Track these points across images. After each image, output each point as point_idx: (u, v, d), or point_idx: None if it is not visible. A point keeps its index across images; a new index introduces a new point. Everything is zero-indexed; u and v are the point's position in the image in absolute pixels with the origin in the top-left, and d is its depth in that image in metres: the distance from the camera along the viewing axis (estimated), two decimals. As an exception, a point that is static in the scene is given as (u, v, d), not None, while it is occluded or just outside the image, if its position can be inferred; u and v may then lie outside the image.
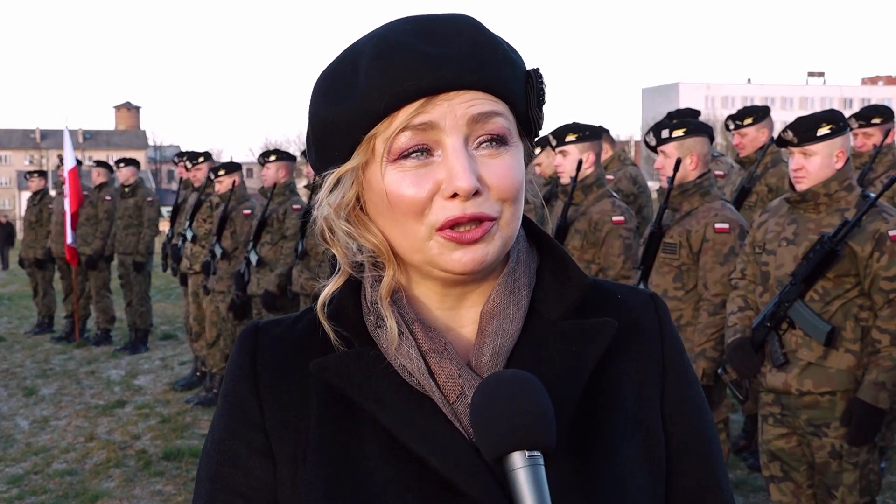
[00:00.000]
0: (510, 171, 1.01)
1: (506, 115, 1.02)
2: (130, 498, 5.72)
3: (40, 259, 11.78)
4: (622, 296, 1.16)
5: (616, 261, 4.86)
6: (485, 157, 1.01)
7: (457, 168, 0.98)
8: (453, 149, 0.99)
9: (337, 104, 1.02)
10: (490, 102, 1.00)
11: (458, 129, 0.99)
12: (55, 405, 8.12)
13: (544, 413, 0.94)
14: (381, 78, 0.99)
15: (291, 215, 7.25)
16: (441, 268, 1.02)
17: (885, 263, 3.53)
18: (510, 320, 1.06)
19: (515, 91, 1.03)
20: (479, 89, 1.00)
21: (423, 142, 1.00)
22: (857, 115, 5.95)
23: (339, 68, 1.04)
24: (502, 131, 1.01)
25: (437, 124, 0.99)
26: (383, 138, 1.00)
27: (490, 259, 1.02)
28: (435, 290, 1.07)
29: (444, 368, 1.03)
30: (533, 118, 1.05)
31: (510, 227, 1.03)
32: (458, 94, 0.99)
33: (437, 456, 1.00)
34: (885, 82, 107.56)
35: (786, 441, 3.81)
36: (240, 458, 1.08)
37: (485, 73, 1.00)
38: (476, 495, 0.98)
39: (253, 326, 1.14)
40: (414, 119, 0.99)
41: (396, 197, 1.00)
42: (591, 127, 5.20)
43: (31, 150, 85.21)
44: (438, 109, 0.99)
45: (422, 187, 1.00)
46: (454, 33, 1.00)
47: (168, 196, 49.39)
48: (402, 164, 1.00)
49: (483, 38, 1.02)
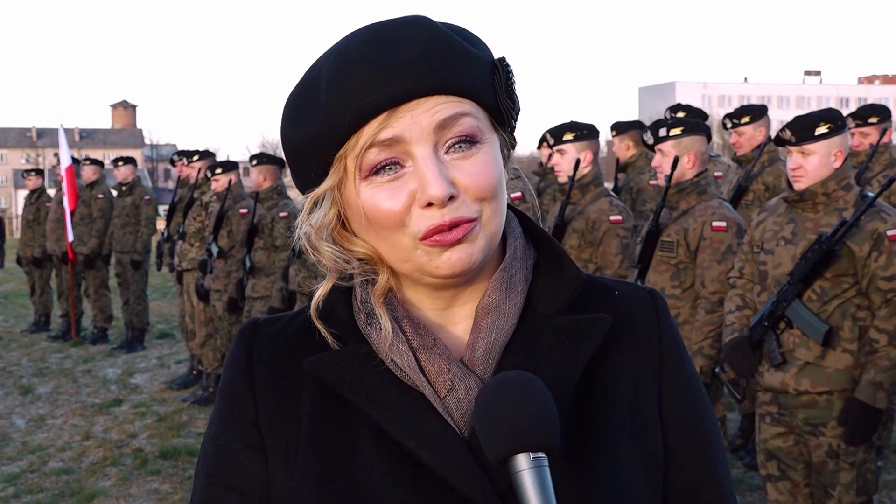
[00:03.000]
0: (484, 169, 1.01)
1: (473, 112, 1.01)
2: (127, 496, 5.72)
3: (38, 258, 11.78)
4: (620, 292, 1.16)
5: (613, 260, 4.86)
6: (457, 160, 1.00)
7: (428, 177, 0.98)
8: (423, 158, 0.99)
9: (304, 127, 1.02)
10: (454, 104, 0.99)
11: (424, 138, 0.99)
12: (51, 404, 8.11)
13: (548, 414, 0.94)
14: (340, 96, 0.98)
15: (279, 223, 7.21)
16: (431, 274, 1.02)
17: (882, 263, 3.53)
18: (505, 316, 1.07)
19: (479, 86, 1.01)
20: (439, 93, 0.99)
21: (391, 156, 0.99)
22: (854, 114, 5.95)
23: (301, 91, 1.04)
24: (471, 131, 1.00)
25: (403, 137, 0.98)
26: (352, 156, 1.00)
27: (476, 259, 1.02)
28: (426, 293, 1.08)
29: (434, 363, 1.04)
30: (504, 108, 1.04)
31: (492, 224, 1.03)
32: (420, 103, 0.98)
33: (428, 450, 1.00)
34: (882, 81, 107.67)
35: (783, 440, 3.81)
36: (234, 453, 1.08)
37: (444, 76, 0.99)
38: (466, 489, 0.98)
39: (252, 322, 1.15)
40: (379, 135, 0.98)
41: (373, 212, 1.00)
42: (589, 126, 5.19)
43: (28, 149, 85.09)
44: (402, 122, 0.98)
45: (397, 200, 0.99)
46: (408, 40, 0.99)
47: (164, 195, 49.37)
48: (374, 179, 1.00)
49: (438, 39, 1.00)
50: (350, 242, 1.06)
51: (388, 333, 1.04)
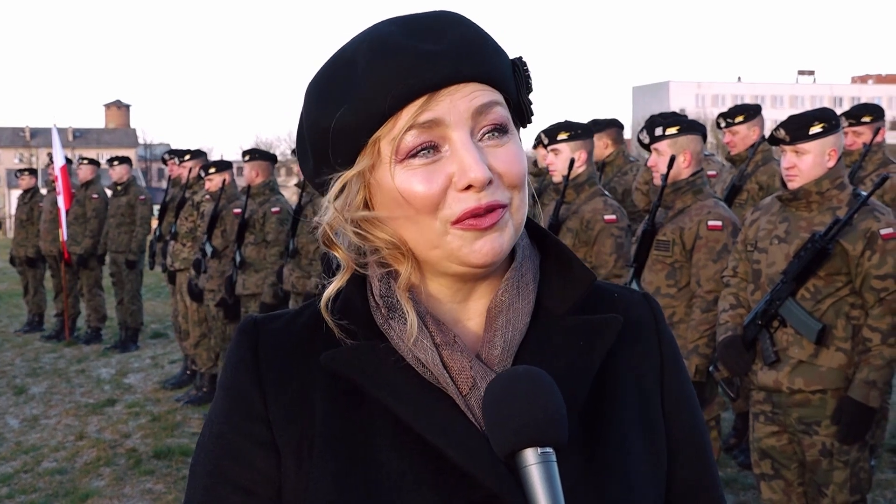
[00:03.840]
0: (516, 158, 1.03)
1: (503, 104, 1.04)
2: (120, 497, 5.71)
3: (31, 257, 11.76)
4: (618, 294, 1.17)
5: (608, 259, 4.87)
6: (491, 147, 1.02)
7: (468, 160, 0.99)
8: (462, 142, 1.00)
9: (336, 111, 1.01)
10: (489, 93, 1.02)
11: (463, 122, 1.00)
12: (45, 404, 8.10)
13: (557, 410, 0.94)
14: (380, 79, 0.99)
15: (271, 219, 7.20)
16: (461, 261, 1.02)
17: (876, 262, 3.53)
18: (519, 314, 1.07)
19: (507, 80, 1.04)
20: (477, 81, 1.01)
21: (429, 139, 1.00)
22: (848, 113, 5.97)
23: (332, 74, 1.04)
24: (503, 120, 1.03)
25: (443, 120, 1.00)
26: (388, 139, 1.00)
27: (505, 247, 1.03)
28: (447, 285, 1.08)
29: (456, 361, 1.04)
30: (524, 106, 1.07)
31: (520, 214, 1.05)
32: (459, 88, 1.00)
33: (454, 447, 1.00)
34: (875, 81, 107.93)
35: (777, 439, 3.82)
36: (241, 452, 1.07)
37: (480, 64, 1.01)
38: (492, 487, 0.98)
39: (252, 320, 1.14)
40: (419, 117, 0.99)
41: (409, 195, 1.01)
42: (583, 125, 5.21)
43: (21, 149, 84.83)
44: (441, 105, 0.99)
45: (434, 182, 1.00)
46: (442, 29, 1.01)
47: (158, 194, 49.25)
48: (410, 162, 1.01)
49: (471, 31, 1.03)
50: (375, 229, 1.05)
51: (414, 328, 1.03)
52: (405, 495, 1.00)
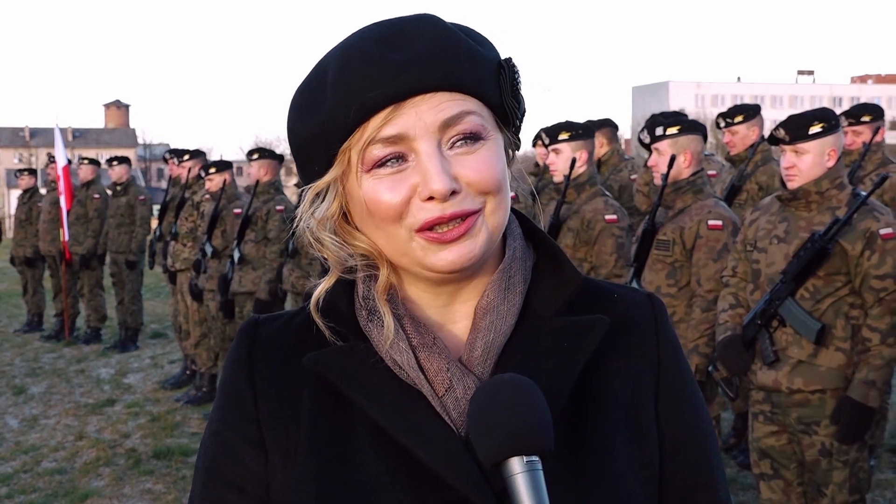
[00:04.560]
0: (486, 164, 1.01)
1: (478, 111, 1.01)
2: (120, 496, 5.70)
3: (30, 257, 11.76)
4: (618, 295, 1.16)
5: (608, 259, 4.87)
6: (460, 156, 1.01)
7: (431, 172, 0.98)
8: (426, 154, 0.99)
9: (309, 119, 1.03)
10: (458, 102, 1.00)
11: (428, 135, 0.99)
12: (44, 404, 8.09)
13: (542, 418, 0.94)
14: (346, 89, 0.99)
15: (274, 216, 7.21)
16: (428, 268, 1.03)
17: (875, 262, 3.53)
18: (503, 316, 1.07)
19: (485, 85, 1.02)
20: (444, 90, 0.99)
21: (395, 151, 1.00)
22: (847, 113, 5.98)
23: (308, 84, 1.05)
24: (475, 129, 1.01)
25: (407, 134, 0.99)
26: (356, 150, 1.00)
27: (478, 252, 1.02)
28: (427, 289, 1.08)
29: (433, 362, 1.04)
30: (508, 108, 1.04)
31: (496, 217, 1.03)
32: (425, 99, 0.99)
33: (425, 448, 1.00)
34: (875, 81, 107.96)
35: (776, 439, 3.82)
36: (234, 450, 1.08)
37: (449, 72, 0.99)
38: (463, 488, 0.98)
39: (253, 321, 1.15)
40: (383, 131, 0.99)
41: (374, 203, 1.01)
42: (584, 125, 5.22)
43: (21, 149, 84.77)
44: (406, 118, 0.98)
45: (398, 192, 1.00)
46: (415, 36, 1.00)
47: (158, 194, 49.23)
48: (377, 172, 1.01)
49: (444, 36, 1.01)
50: (351, 236, 1.07)
51: (391, 331, 1.04)
52: (381, 497, 1.00)
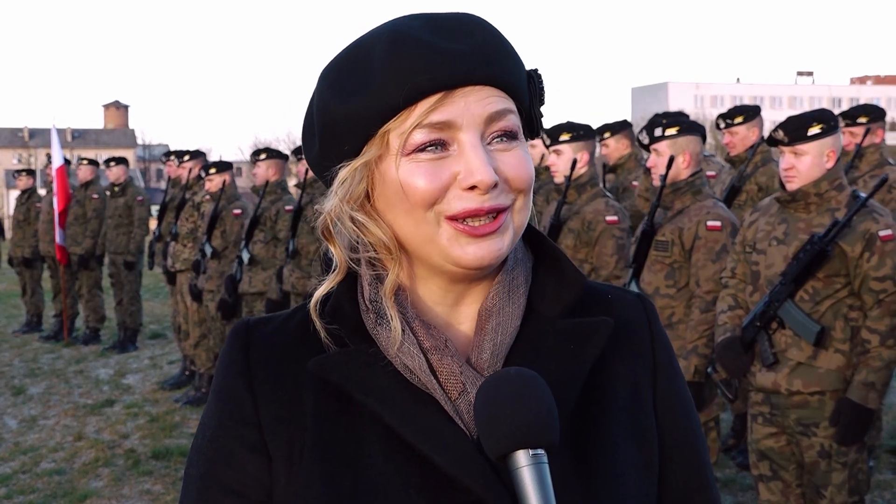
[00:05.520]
0: (523, 163, 1.03)
1: (515, 112, 1.04)
2: (119, 497, 5.70)
3: (28, 258, 11.75)
4: (612, 296, 1.17)
5: (609, 260, 4.87)
6: (499, 152, 1.02)
7: (476, 162, 0.99)
8: (471, 144, 1.00)
9: (349, 98, 1.01)
10: (503, 100, 1.02)
11: (474, 126, 1.00)
12: (43, 404, 8.09)
13: (548, 411, 0.94)
14: (397, 72, 0.99)
15: (284, 216, 7.19)
16: (453, 261, 1.02)
17: (875, 263, 3.53)
18: (509, 318, 1.07)
19: (521, 89, 1.04)
20: (493, 85, 1.01)
21: (438, 137, 1.00)
22: (844, 114, 5.99)
23: (349, 61, 1.03)
24: (514, 127, 1.03)
25: (454, 123, 1.00)
26: (398, 133, 1.00)
27: (504, 250, 1.03)
28: (439, 287, 1.07)
29: (446, 365, 1.03)
30: (535, 117, 1.07)
31: (521, 215, 1.05)
32: (474, 90, 1.00)
33: (441, 453, 0.99)
34: (874, 82, 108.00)
35: (775, 440, 3.82)
36: (233, 455, 1.07)
37: (498, 70, 1.01)
38: (480, 492, 0.98)
39: (244, 323, 1.13)
40: (431, 116, 0.99)
41: (410, 188, 1.00)
42: (585, 126, 5.21)
43: (20, 149, 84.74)
44: (455, 107, 0.99)
45: (437, 178, 1.00)
46: (466, 30, 1.01)
47: (157, 195, 49.24)
48: (416, 156, 1.00)
49: (493, 36, 1.03)
50: (371, 222, 1.05)
51: (398, 335, 1.03)
52: (392, 498, 1.00)
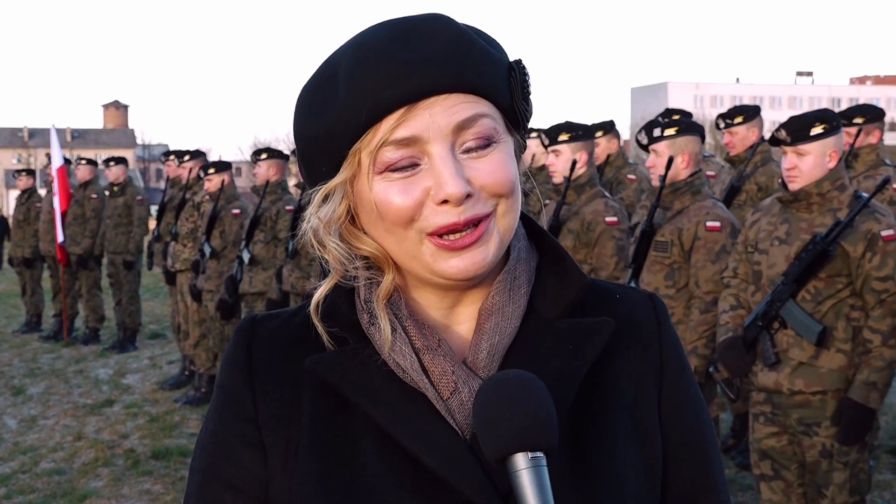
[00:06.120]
0: (499, 167, 1.00)
1: (490, 114, 1.00)
2: (119, 497, 5.70)
3: (28, 258, 11.75)
4: (620, 296, 1.16)
5: (609, 261, 4.87)
6: (472, 160, 0.99)
7: (445, 175, 0.97)
8: (440, 157, 0.98)
9: (318, 119, 1.01)
10: (472, 105, 0.99)
11: (442, 137, 0.98)
12: (43, 404, 8.09)
13: (547, 414, 0.93)
14: (358, 89, 0.97)
15: (284, 216, 7.19)
16: (439, 275, 1.01)
17: (877, 263, 3.53)
18: (508, 318, 1.06)
19: (497, 87, 1.01)
20: (461, 91, 0.98)
21: (407, 154, 0.98)
22: (842, 113, 5.98)
23: (318, 82, 1.03)
24: (488, 132, 1.00)
25: (420, 137, 0.97)
26: (367, 152, 0.99)
27: (491, 259, 1.01)
28: (434, 293, 1.07)
29: (438, 365, 1.03)
30: (519, 111, 1.03)
31: (506, 219, 1.02)
32: (439, 100, 0.97)
33: (430, 452, 0.99)
34: (874, 82, 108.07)
35: (776, 440, 3.81)
36: (232, 451, 1.07)
37: (464, 74, 0.98)
38: (469, 492, 0.98)
39: (250, 319, 1.13)
40: (395, 133, 0.97)
41: (385, 207, 0.99)
42: (584, 126, 5.21)
43: (19, 149, 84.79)
44: (419, 120, 0.97)
45: (410, 195, 0.98)
46: (429, 36, 0.98)
47: (156, 195, 49.28)
48: (388, 175, 0.99)
49: (459, 37, 0.99)
50: (358, 239, 1.05)
51: (388, 336, 1.03)
52: (385, 498, 1.00)
